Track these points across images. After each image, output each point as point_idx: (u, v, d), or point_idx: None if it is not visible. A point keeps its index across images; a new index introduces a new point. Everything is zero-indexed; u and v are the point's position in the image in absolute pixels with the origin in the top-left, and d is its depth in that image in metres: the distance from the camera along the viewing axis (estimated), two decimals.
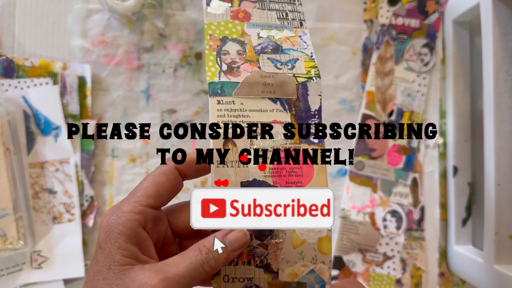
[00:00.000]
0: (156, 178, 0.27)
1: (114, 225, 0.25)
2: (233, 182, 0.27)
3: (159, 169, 0.27)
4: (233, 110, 0.29)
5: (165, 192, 0.27)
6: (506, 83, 0.41)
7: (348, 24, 0.51)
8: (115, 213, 0.26)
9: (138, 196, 0.26)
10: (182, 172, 0.28)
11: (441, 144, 0.51)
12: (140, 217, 0.26)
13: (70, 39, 0.49)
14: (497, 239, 0.40)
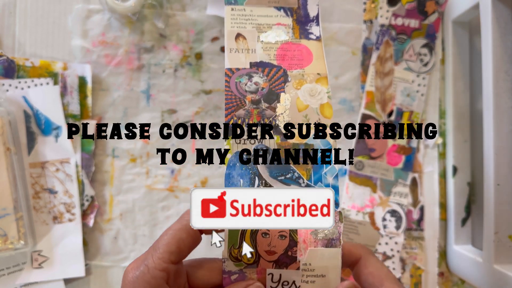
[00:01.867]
0: (177, 234, 0.28)
1: (140, 282, 0.26)
2: (243, 63, 0.31)
3: (179, 224, 0.28)
4: (244, 15, 0.33)
5: (185, 248, 0.28)
6: (506, 83, 0.41)
7: (347, 24, 0.51)
8: (140, 269, 0.27)
9: (161, 253, 0.27)
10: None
11: (440, 144, 0.51)
12: (164, 274, 0.27)
13: (70, 39, 0.49)
14: (497, 239, 0.40)
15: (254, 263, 0.28)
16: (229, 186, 0.29)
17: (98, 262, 0.49)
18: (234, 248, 0.28)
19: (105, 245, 0.49)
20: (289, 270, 0.28)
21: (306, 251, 0.28)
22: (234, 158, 0.30)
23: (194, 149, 0.50)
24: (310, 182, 0.29)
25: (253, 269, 0.28)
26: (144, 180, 0.50)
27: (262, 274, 0.28)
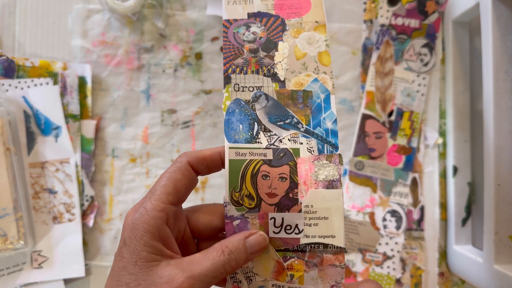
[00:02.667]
0: (172, 175, 0.28)
1: (139, 223, 0.26)
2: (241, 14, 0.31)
3: (174, 166, 0.28)
4: None
5: (182, 188, 0.28)
6: (506, 83, 0.41)
7: (348, 24, 0.51)
8: (139, 211, 0.27)
9: (158, 194, 0.27)
10: (195, 168, 0.29)
11: (440, 144, 0.51)
12: (162, 215, 0.27)
13: (70, 39, 0.49)
14: (497, 239, 0.40)
15: (255, 207, 0.28)
16: (228, 132, 0.29)
17: (98, 262, 0.49)
18: (235, 192, 0.28)
19: (105, 245, 0.49)
20: (291, 213, 0.28)
21: (307, 193, 0.28)
22: (233, 104, 0.30)
23: (194, 149, 0.50)
24: (309, 127, 0.30)
25: (255, 214, 0.28)
26: (144, 180, 0.50)
27: (264, 219, 0.28)
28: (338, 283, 0.28)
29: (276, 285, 0.28)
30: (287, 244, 0.28)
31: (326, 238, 0.28)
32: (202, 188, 0.50)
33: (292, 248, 0.28)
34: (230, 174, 0.28)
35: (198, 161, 0.29)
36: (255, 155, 0.29)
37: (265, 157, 0.29)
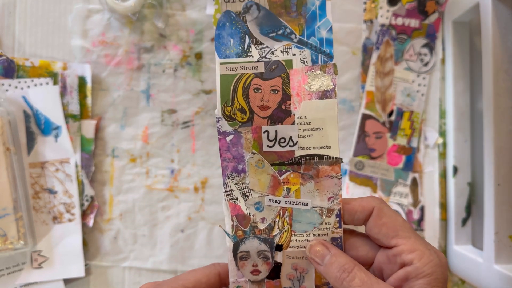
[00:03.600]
0: (198, 276, 0.29)
1: None
2: None
3: (204, 269, 0.30)
4: None
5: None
6: (506, 83, 0.41)
7: (348, 24, 0.51)
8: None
9: (177, 283, 0.28)
10: (223, 280, 0.30)
11: (441, 144, 0.51)
12: None
13: (70, 39, 0.49)
14: (497, 239, 0.40)
15: (248, 121, 0.28)
16: (219, 47, 0.28)
17: (98, 262, 0.49)
18: (226, 106, 0.27)
19: (105, 245, 0.49)
20: (285, 126, 0.27)
21: (300, 104, 0.27)
22: (223, 17, 0.28)
23: (194, 149, 0.50)
24: (302, 37, 0.28)
25: (248, 128, 0.27)
26: (144, 180, 0.50)
27: (258, 133, 0.27)
28: (336, 194, 0.28)
29: (272, 200, 0.28)
30: (281, 158, 0.28)
31: (321, 149, 0.27)
32: (202, 188, 0.50)
33: (287, 161, 0.27)
34: (221, 89, 0.27)
35: (227, 275, 0.29)
36: (246, 69, 0.28)
37: (256, 71, 0.28)
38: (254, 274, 0.28)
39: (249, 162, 0.28)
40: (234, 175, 0.28)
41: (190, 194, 0.50)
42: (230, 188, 0.28)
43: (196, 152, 0.50)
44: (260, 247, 0.28)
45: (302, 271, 0.28)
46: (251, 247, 0.28)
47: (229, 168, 0.28)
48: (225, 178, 0.28)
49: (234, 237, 0.28)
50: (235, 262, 0.28)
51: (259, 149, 0.28)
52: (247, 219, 0.28)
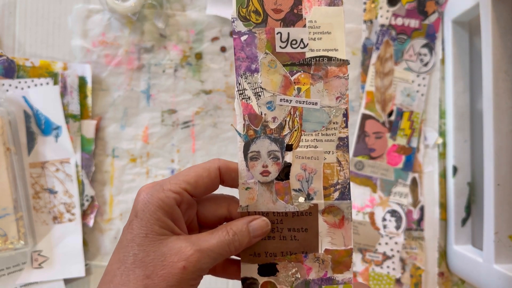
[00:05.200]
0: (199, 171, 0.29)
1: (153, 199, 0.27)
2: None
3: (205, 164, 0.29)
4: None
5: (203, 185, 0.29)
6: (505, 83, 0.41)
7: (348, 24, 0.51)
8: (155, 188, 0.28)
9: (179, 180, 0.28)
10: (222, 176, 0.30)
11: (440, 144, 0.51)
12: (177, 197, 0.28)
13: (70, 39, 0.49)
14: (497, 239, 0.40)
15: (262, 23, 0.29)
16: None
17: (98, 262, 0.49)
18: (242, 8, 0.29)
19: (105, 245, 0.49)
20: (297, 28, 0.29)
21: (311, 9, 0.29)
22: None
23: (194, 149, 0.50)
24: None
25: (262, 29, 0.29)
26: (144, 180, 0.50)
27: (271, 34, 0.29)
28: (343, 94, 0.29)
29: (283, 99, 0.29)
30: (293, 59, 0.29)
31: (330, 51, 0.29)
32: None
33: (298, 62, 0.29)
34: None
35: (227, 171, 0.30)
36: None
37: None
38: (264, 175, 0.29)
39: (262, 62, 0.29)
40: (247, 74, 0.29)
41: None
42: (242, 88, 0.29)
43: (196, 152, 0.50)
44: (270, 146, 0.29)
45: (311, 172, 0.29)
46: (262, 146, 0.29)
47: (242, 67, 0.29)
48: (238, 77, 0.29)
49: (245, 136, 0.29)
50: (245, 163, 0.29)
51: (272, 50, 0.29)
52: (258, 118, 0.29)
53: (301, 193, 0.29)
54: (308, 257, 0.29)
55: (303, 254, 0.29)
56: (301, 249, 0.29)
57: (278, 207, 0.29)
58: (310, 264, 0.29)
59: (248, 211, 0.29)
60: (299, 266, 0.29)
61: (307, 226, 0.29)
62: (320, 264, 0.29)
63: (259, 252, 0.29)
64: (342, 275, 0.29)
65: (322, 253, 0.29)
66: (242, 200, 0.29)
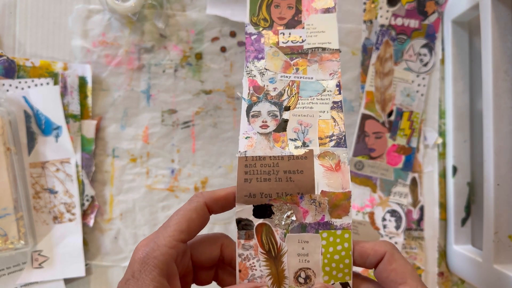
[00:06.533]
0: (187, 214, 0.29)
1: (149, 258, 0.27)
2: None
3: (190, 205, 0.29)
4: None
5: (195, 227, 0.29)
6: (505, 83, 0.41)
7: (347, 24, 0.51)
8: (150, 246, 0.28)
9: (172, 231, 0.28)
10: (210, 208, 0.30)
11: (440, 144, 0.51)
12: (173, 252, 0.27)
13: (70, 39, 0.49)
14: (496, 238, 0.40)
15: (269, 27, 0.36)
16: None
17: (98, 262, 0.49)
18: (253, 16, 0.36)
19: (105, 245, 0.49)
20: (297, 29, 0.35)
21: (309, 16, 0.35)
22: None
23: (194, 149, 0.50)
24: None
25: (269, 30, 0.35)
26: (144, 180, 0.50)
27: (276, 34, 0.35)
28: (335, 71, 0.33)
29: (284, 76, 0.33)
30: (293, 50, 0.34)
31: (324, 44, 0.34)
32: (203, 188, 0.50)
33: (297, 51, 0.34)
34: (250, 6, 0.36)
35: (214, 202, 0.30)
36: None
37: None
38: (263, 128, 0.31)
39: (267, 53, 0.35)
40: (255, 61, 0.34)
41: (190, 194, 0.50)
42: (250, 69, 0.34)
43: (196, 152, 0.50)
44: (270, 108, 0.32)
45: (307, 125, 0.31)
46: (263, 108, 0.32)
47: (251, 56, 0.35)
48: (247, 63, 0.34)
49: (249, 100, 0.32)
50: (247, 119, 0.32)
51: (276, 44, 0.35)
52: (261, 88, 0.33)
53: (297, 141, 0.30)
54: (304, 199, 0.29)
55: (298, 195, 0.29)
56: (296, 190, 0.29)
57: (275, 152, 0.30)
58: (306, 207, 0.29)
59: (246, 156, 0.30)
60: (295, 209, 0.29)
61: (302, 168, 0.29)
62: (317, 207, 0.29)
63: (254, 193, 0.29)
64: (340, 220, 0.29)
65: (318, 195, 0.29)
66: (241, 146, 0.30)
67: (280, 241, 0.29)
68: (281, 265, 0.29)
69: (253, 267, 0.29)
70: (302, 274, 0.29)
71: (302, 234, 0.29)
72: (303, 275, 0.29)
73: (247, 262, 0.29)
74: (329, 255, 0.29)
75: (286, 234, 0.29)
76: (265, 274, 0.29)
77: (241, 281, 0.29)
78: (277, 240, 0.29)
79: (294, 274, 0.29)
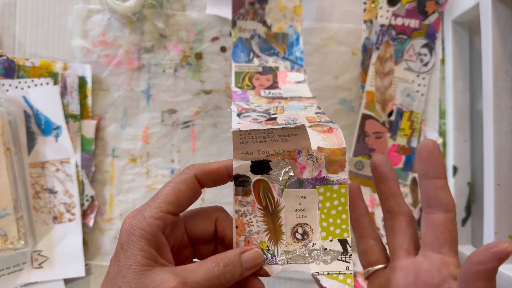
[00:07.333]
0: (177, 186, 0.28)
1: (135, 229, 0.27)
2: None
3: (180, 177, 0.29)
4: None
5: (184, 199, 0.28)
6: (505, 83, 0.41)
7: (348, 24, 0.51)
8: (137, 217, 0.27)
9: (159, 203, 0.28)
10: (201, 181, 0.29)
11: (440, 144, 0.51)
12: (160, 223, 0.27)
13: (70, 39, 0.49)
14: (497, 239, 0.40)
15: (252, 89, 0.42)
16: (234, 57, 0.45)
17: (98, 262, 0.49)
18: (238, 83, 0.42)
19: (105, 245, 0.49)
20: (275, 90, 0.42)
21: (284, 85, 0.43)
22: (237, 41, 0.45)
23: (194, 148, 0.50)
24: (285, 55, 0.45)
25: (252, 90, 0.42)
26: (144, 180, 0.50)
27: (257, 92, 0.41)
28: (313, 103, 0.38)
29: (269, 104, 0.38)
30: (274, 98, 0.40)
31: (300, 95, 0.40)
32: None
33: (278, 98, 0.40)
34: (235, 77, 0.43)
35: (205, 175, 0.29)
36: (251, 68, 0.44)
37: (257, 70, 0.44)
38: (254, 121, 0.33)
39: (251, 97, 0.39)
40: (241, 101, 0.38)
41: None
42: (237, 103, 0.37)
43: (196, 152, 0.50)
44: (259, 114, 0.34)
45: (294, 118, 0.33)
46: (252, 113, 0.34)
47: (237, 99, 0.39)
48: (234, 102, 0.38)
49: (238, 112, 0.35)
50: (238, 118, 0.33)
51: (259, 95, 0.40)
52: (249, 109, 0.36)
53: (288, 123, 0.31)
54: (301, 154, 0.29)
55: (296, 151, 0.29)
56: (293, 147, 0.29)
57: (268, 127, 0.31)
58: (304, 162, 0.29)
59: (240, 130, 0.30)
60: (293, 164, 0.29)
61: (297, 132, 0.30)
62: (314, 162, 0.29)
63: (251, 150, 0.29)
64: (337, 175, 0.29)
65: (315, 150, 0.29)
66: (234, 124, 0.31)
67: (278, 197, 0.29)
68: (278, 220, 0.29)
69: (250, 223, 0.29)
70: (300, 230, 0.29)
71: (299, 189, 0.29)
72: (300, 230, 0.29)
73: (244, 218, 0.29)
74: (326, 210, 0.29)
75: (283, 189, 0.29)
76: (262, 230, 0.29)
77: (238, 237, 0.29)
78: (275, 196, 0.29)
79: (291, 230, 0.29)
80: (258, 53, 0.45)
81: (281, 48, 0.45)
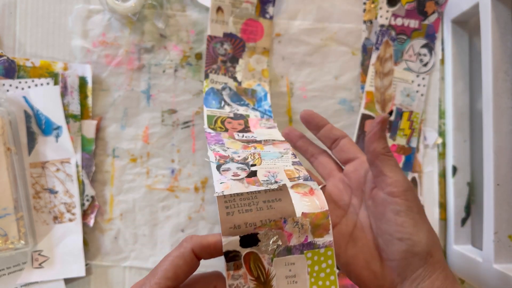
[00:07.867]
0: (175, 261, 0.29)
1: None
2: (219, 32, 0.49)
3: (177, 251, 0.29)
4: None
5: (182, 273, 0.29)
6: (505, 83, 0.41)
7: (347, 24, 0.51)
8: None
9: (158, 278, 0.28)
10: (198, 255, 0.30)
11: (440, 144, 0.51)
12: None
13: (70, 39, 0.49)
14: (496, 238, 0.40)
15: (225, 131, 0.43)
16: (206, 103, 0.47)
17: (98, 262, 0.49)
18: (211, 126, 0.43)
19: (105, 245, 0.49)
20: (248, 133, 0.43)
21: (255, 130, 0.44)
22: (210, 90, 0.48)
23: (194, 149, 0.50)
24: (254, 107, 0.48)
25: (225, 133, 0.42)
26: (145, 180, 0.50)
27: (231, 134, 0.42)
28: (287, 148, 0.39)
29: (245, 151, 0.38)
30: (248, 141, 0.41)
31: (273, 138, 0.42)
32: (202, 188, 0.50)
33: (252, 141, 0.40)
34: (208, 119, 0.44)
35: (202, 249, 0.29)
36: (222, 113, 0.46)
37: (228, 115, 0.46)
38: (234, 176, 0.33)
39: (226, 141, 0.40)
40: (216, 145, 0.39)
41: (190, 194, 0.50)
42: (213, 148, 0.38)
43: (196, 152, 0.50)
44: (238, 165, 0.35)
45: (274, 172, 0.34)
46: (231, 166, 0.35)
47: (212, 142, 0.40)
48: (209, 146, 0.39)
49: (217, 162, 0.35)
50: (218, 172, 0.34)
51: (233, 137, 0.41)
52: (227, 157, 0.36)
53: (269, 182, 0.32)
54: (287, 223, 0.29)
55: (282, 219, 0.29)
56: (279, 215, 0.29)
57: (251, 189, 0.31)
58: (290, 230, 0.29)
59: (224, 194, 0.31)
60: (280, 234, 0.29)
61: (280, 197, 0.31)
62: (300, 229, 0.30)
63: (239, 224, 0.29)
64: (322, 239, 0.30)
65: (300, 217, 0.29)
66: (217, 188, 0.31)
67: (268, 266, 0.29)
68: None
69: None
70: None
71: (288, 256, 0.30)
72: None
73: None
74: (315, 273, 0.30)
75: (273, 258, 0.29)
76: None
77: None
78: (265, 266, 0.29)
79: None
80: (229, 102, 0.48)
81: (250, 100, 0.48)
